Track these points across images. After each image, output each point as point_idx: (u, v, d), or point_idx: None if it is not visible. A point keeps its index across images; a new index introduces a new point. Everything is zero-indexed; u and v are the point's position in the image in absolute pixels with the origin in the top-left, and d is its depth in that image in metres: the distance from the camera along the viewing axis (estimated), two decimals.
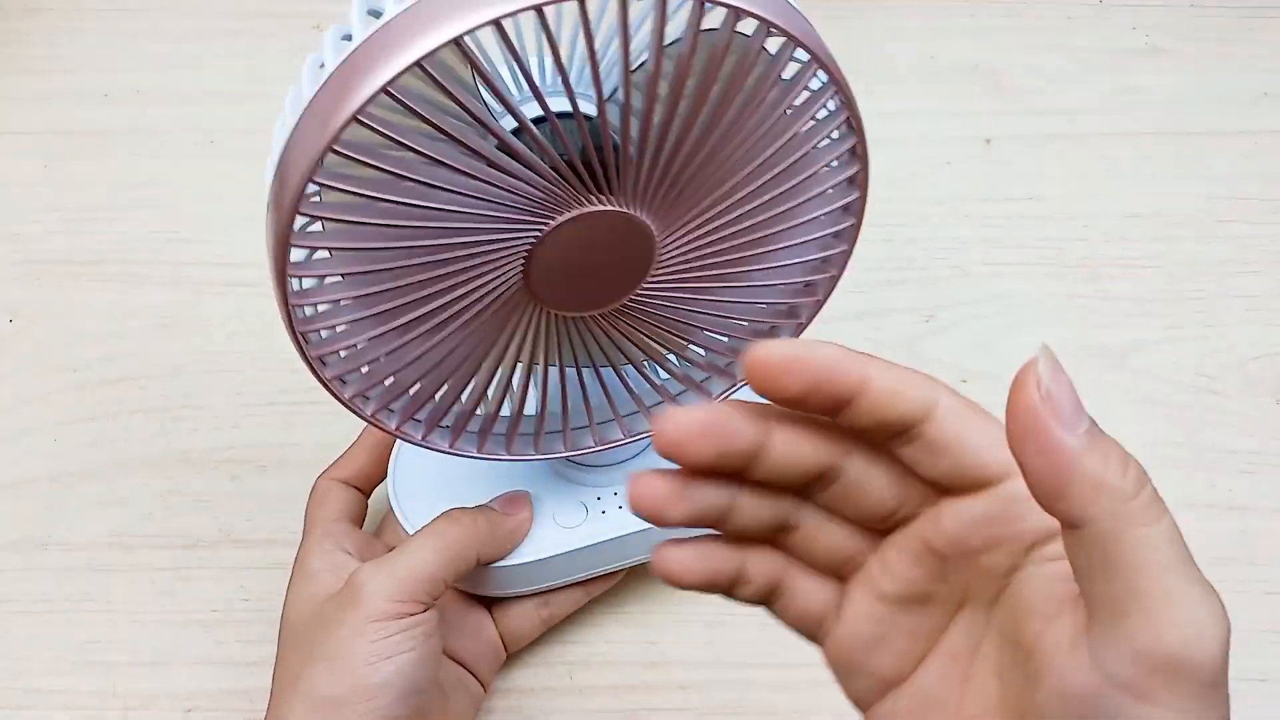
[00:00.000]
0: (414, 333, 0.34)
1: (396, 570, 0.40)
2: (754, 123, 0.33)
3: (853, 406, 0.25)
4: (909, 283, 0.60)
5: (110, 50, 0.71)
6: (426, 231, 0.32)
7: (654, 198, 0.33)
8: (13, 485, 0.53)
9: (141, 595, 0.50)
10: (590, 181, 0.32)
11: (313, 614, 0.40)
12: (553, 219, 0.32)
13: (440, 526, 0.41)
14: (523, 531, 0.44)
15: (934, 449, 0.26)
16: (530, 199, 0.32)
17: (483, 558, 0.42)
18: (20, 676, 0.47)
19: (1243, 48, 0.72)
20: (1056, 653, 0.24)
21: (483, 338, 0.36)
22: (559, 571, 0.45)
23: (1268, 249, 0.61)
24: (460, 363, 0.36)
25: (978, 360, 0.57)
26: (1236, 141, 0.66)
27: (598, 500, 0.45)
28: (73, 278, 0.60)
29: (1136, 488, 0.23)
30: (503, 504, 0.44)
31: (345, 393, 0.36)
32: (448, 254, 0.32)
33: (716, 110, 0.32)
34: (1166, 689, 0.22)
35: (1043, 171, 0.65)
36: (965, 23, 0.74)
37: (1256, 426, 0.54)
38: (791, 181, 0.35)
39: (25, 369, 0.57)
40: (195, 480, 0.53)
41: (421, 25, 0.28)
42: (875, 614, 0.28)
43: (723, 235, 0.35)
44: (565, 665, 0.47)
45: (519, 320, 0.36)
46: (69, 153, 0.66)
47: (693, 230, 0.35)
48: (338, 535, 0.43)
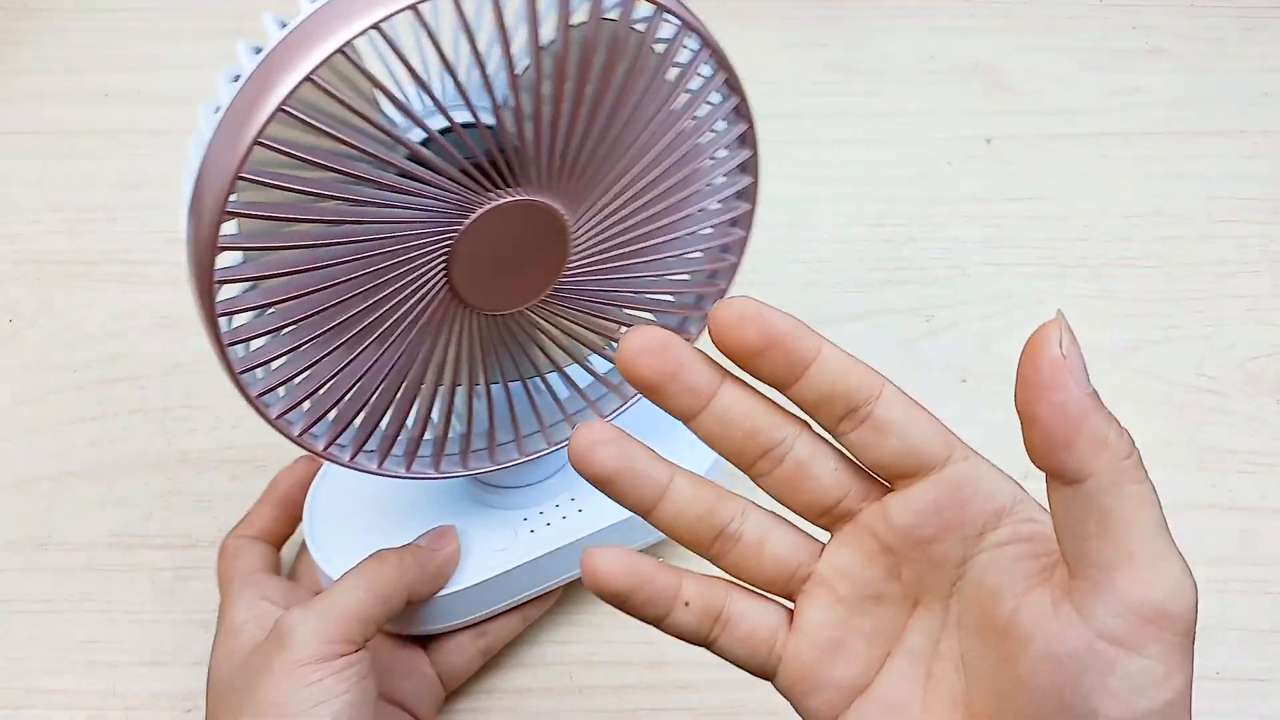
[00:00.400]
0: (350, 352, 0.34)
1: (326, 611, 0.38)
2: (642, 100, 0.34)
3: (806, 377, 0.26)
4: (909, 283, 0.60)
5: (110, 50, 0.71)
6: (346, 248, 0.32)
7: (559, 182, 0.34)
8: (13, 485, 0.53)
9: (141, 595, 0.50)
10: (496, 176, 0.33)
11: (239, 667, 0.39)
12: (467, 217, 0.33)
13: (368, 565, 0.40)
14: (452, 565, 0.43)
15: (881, 429, 0.27)
16: (442, 201, 0.32)
17: (414, 596, 0.41)
18: (20, 676, 0.47)
19: (1243, 48, 0.72)
20: (1040, 620, 0.25)
21: (416, 349, 0.36)
22: (494, 597, 0.44)
23: (1268, 249, 0.61)
24: (396, 376, 0.36)
25: (978, 360, 0.57)
26: (1236, 141, 0.66)
27: (524, 520, 0.45)
28: (73, 278, 0.61)
29: (1130, 448, 0.24)
30: (430, 539, 0.43)
31: (272, 413, 0.35)
32: (370, 266, 0.33)
33: (601, 91, 0.33)
34: (1154, 639, 0.24)
35: (1043, 171, 0.65)
36: (965, 23, 0.74)
37: (1256, 426, 0.54)
38: (682, 150, 0.36)
39: (25, 369, 0.57)
40: (195, 480, 0.53)
41: (307, 42, 0.29)
42: (831, 619, 0.28)
43: (629, 213, 0.36)
44: (565, 665, 0.47)
45: (451, 327, 0.36)
46: (69, 153, 0.66)
47: (601, 211, 0.36)
48: (259, 585, 0.42)
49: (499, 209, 0.33)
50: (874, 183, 0.65)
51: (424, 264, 0.34)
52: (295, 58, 0.29)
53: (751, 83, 0.35)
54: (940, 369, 0.57)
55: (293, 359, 0.34)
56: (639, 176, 0.36)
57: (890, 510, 0.27)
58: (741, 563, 0.29)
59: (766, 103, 0.78)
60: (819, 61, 0.72)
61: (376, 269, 0.33)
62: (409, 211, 0.32)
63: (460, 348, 0.37)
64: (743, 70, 0.35)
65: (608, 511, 0.44)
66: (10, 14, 0.73)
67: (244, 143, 0.29)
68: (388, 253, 0.33)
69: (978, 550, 0.27)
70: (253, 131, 0.29)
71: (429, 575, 0.42)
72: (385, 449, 0.39)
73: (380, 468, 0.39)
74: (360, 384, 0.36)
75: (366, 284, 0.33)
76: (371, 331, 0.34)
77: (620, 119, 0.34)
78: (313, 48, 0.29)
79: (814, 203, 0.64)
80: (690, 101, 0.35)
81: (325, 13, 0.29)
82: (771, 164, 0.67)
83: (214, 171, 0.30)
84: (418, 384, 0.37)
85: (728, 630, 0.29)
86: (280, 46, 0.29)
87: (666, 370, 0.27)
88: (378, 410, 0.37)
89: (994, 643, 0.26)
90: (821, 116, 0.69)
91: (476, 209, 0.33)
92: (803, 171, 0.66)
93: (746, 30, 0.73)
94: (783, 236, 0.62)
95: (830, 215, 0.64)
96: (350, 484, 0.45)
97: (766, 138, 0.67)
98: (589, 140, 0.34)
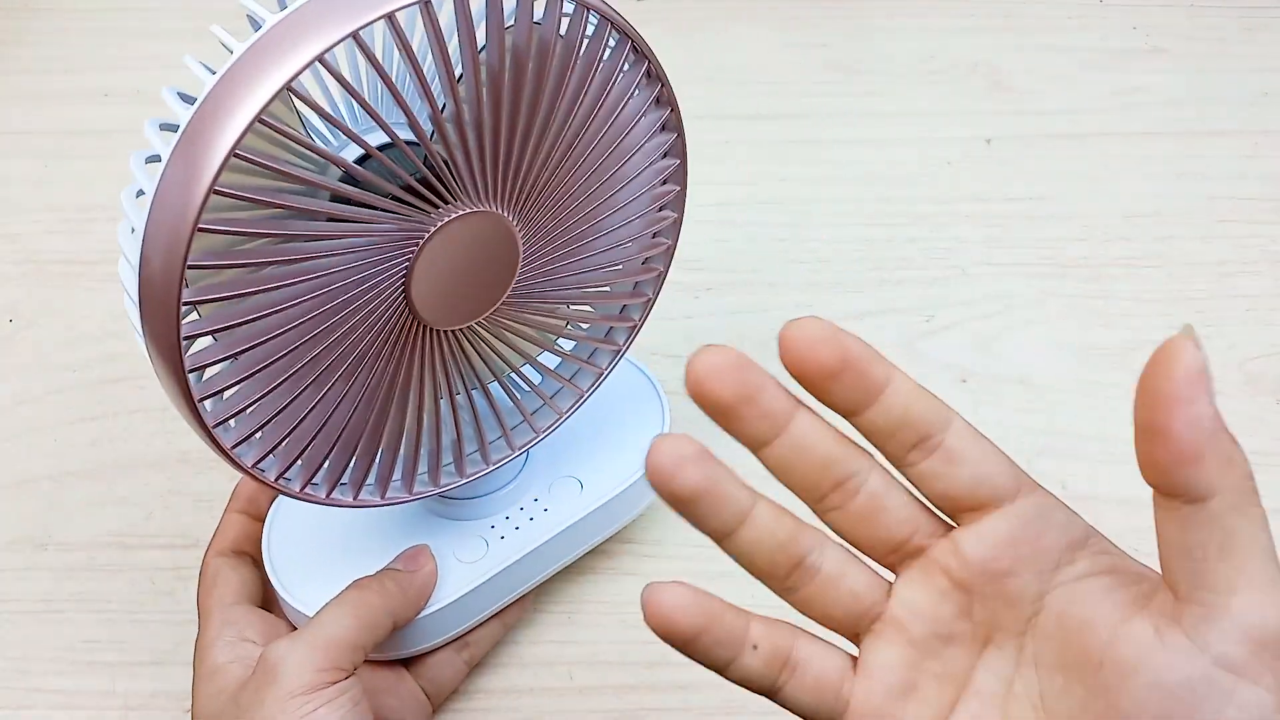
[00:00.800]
0: (319, 389, 0.34)
1: (314, 640, 0.38)
2: (567, 98, 0.34)
3: (878, 402, 0.25)
4: (909, 283, 0.60)
5: (110, 50, 0.71)
6: (304, 286, 0.32)
7: (504, 191, 0.34)
8: (13, 485, 0.53)
9: (141, 595, 0.50)
10: (441, 193, 0.33)
11: (229, 705, 0.38)
12: (421, 236, 0.33)
13: (350, 595, 0.40)
14: (431, 585, 0.42)
15: (953, 459, 0.26)
16: (392, 225, 0.32)
17: (398, 620, 0.41)
18: (20, 676, 0.47)
19: (1243, 48, 0.72)
20: (1145, 650, 0.24)
21: (384, 376, 0.36)
22: (473, 609, 0.44)
23: (1268, 249, 0.61)
24: (361, 407, 0.36)
25: (978, 360, 0.57)
26: (1236, 141, 0.66)
27: (492, 528, 0.45)
28: (73, 278, 0.61)
29: (1250, 470, 0.23)
30: (405, 562, 0.42)
31: (247, 461, 0.35)
32: (329, 302, 0.32)
33: (535, 96, 0.33)
34: (1270, 668, 0.23)
35: (1043, 171, 0.65)
36: (965, 23, 0.74)
37: (1257, 426, 0.54)
38: (614, 144, 0.36)
39: (25, 369, 0.57)
40: (195, 480, 0.53)
41: (244, 85, 0.29)
42: (903, 660, 0.27)
43: (570, 212, 0.37)
44: (565, 665, 0.47)
45: (414, 348, 0.36)
46: (69, 153, 0.66)
47: (545, 214, 0.36)
48: (238, 623, 0.41)
49: (452, 224, 0.33)
50: (874, 183, 0.65)
51: (383, 289, 0.33)
52: (238, 99, 0.28)
53: (751, 83, 0.35)
54: (940, 369, 0.57)
55: (251, 394, 0.33)
56: (578, 175, 0.36)
57: (963, 545, 0.26)
58: (817, 598, 0.27)
59: (766, 103, 0.78)
60: (819, 61, 0.72)
61: (336, 302, 0.32)
62: (361, 240, 0.32)
63: (423, 367, 0.37)
64: (743, 70, 0.35)
65: (573, 508, 0.45)
66: (10, 14, 0.73)
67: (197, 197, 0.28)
68: (346, 284, 0.32)
69: (1055, 584, 0.26)
70: (205, 183, 0.28)
71: (410, 599, 0.41)
72: (359, 479, 0.38)
73: (356, 499, 0.38)
74: (326, 417, 0.35)
75: (326, 319, 0.32)
76: (335, 365, 0.34)
77: (556, 122, 0.34)
78: (251, 92, 0.28)
79: (814, 203, 0.64)
80: (619, 96, 0.35)
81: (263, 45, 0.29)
82: (771, 164, 0.67)
83: (165, 232, 0.29)
84: (384, 408, 0.37)
85: (796, 675, 0.27)
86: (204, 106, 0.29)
87: (744, 392, 0.25)
88: (347, 442, 0.37)
89: (1084, 678, 0.25)
90: (821, 116, 0.69)
91: (430, 227, 0.33)
92: (803, 171, 0.66)
93: (746, 30, 0.73)
94: (783, 236, 0.63)
95: (830, 215, 0.64)
96: (306, 513, 0.44)
97: (766, 138, 0.68)
98: (529, 146, 0.34)
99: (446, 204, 0.33)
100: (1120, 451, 0.53)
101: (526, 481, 0.46)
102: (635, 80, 0.36)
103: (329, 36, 0.28)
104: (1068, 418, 0.54)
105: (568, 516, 0.45)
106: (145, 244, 0.29)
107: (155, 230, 0.29)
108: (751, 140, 0.67)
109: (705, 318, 0.59)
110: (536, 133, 0.34)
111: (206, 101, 0.29)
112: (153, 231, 0.29)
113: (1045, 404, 0.55)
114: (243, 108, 0.28)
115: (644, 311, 0.43)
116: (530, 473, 0.46)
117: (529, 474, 0.46)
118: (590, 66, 0.34)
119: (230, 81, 0.29)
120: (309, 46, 0.28)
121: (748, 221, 0.63)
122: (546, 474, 0.46)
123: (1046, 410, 0.55)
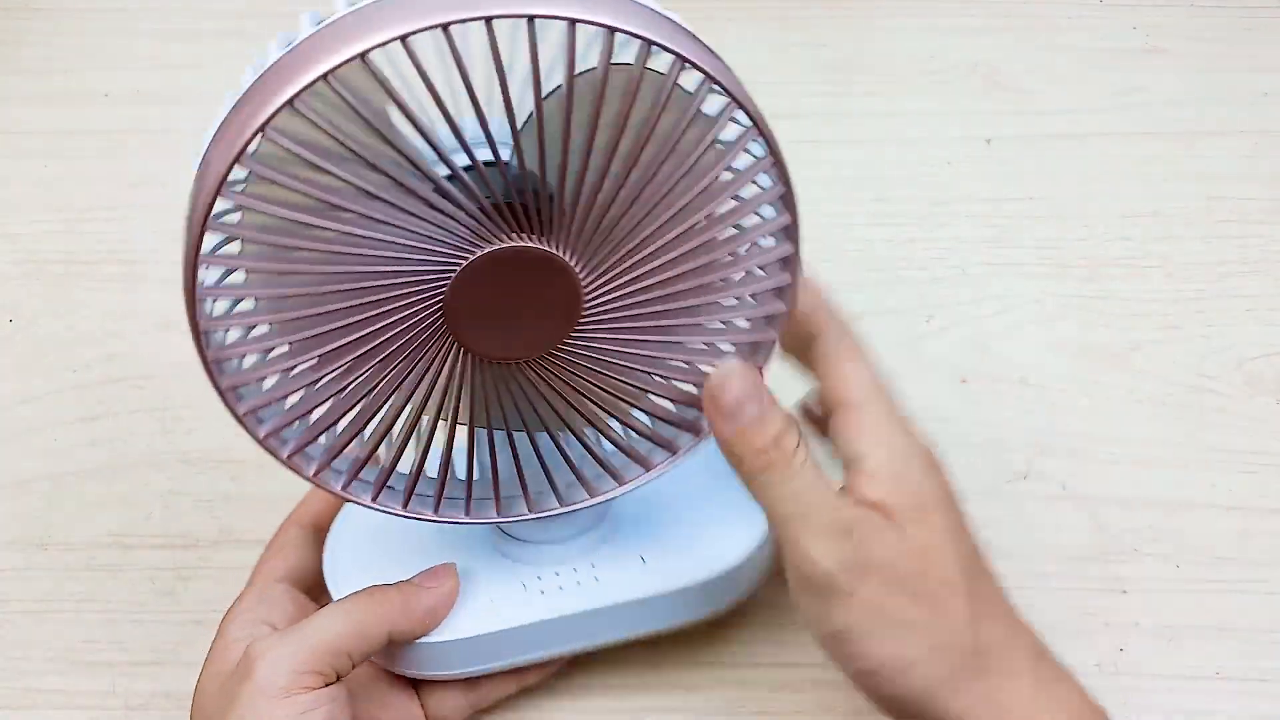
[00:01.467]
0: (333, 365, 0.34)
1: (298, 641, 0.37)
2: (674, 164, 0.32)
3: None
4: (909, 283, 0.60)
5: (110, 50, 0.71)
6: (349, 258, 0.31)
7: (573, 236, 0.33)
8: (13, 485, 0.53)
9: (141, 595, 0.50)
10: (511, 220, 0.32)
11: (219, 690, 0.37)
12: (466, 257, 0.32)
13: (349, 601, 0.39)
14: (446, 606, 0.41)
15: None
16: (453, 234, 0.32)
17: (396, 633, 0.39)
18: (20, 676, 0.47)
19: (1243, 48, 0.72)
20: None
21: (404, 377, 0.35)
22: (490, 654, 0.42)
23: (1268, 249, 0.61)
24: (382, 402, 0.35)
25: (978, 360, 0.57)
26: (1236, 141, 0.66)
27: (538, 579, 0.42)
28: (73, 278, 0.60)
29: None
30: (425, 577, 0.41)
31: (260, 431, 0.35)
32: (368, 282, 0.32)
33: (633, 148, 0.31)
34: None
35: (1043, 171, 0.65)
36: (965, 23, 0.74)
37: (1256, 426, 0.54)
38: (717, 230, 0.34)
39: (25, 369, 0.57)
40: (195, 480, 0.53)
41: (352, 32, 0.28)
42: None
43: (650, 283, 0.34)
44: (565, 665, 0.47)
45: (442, 364, 0.35)
46: (69, 153, 0.66)
47: (619, 273, 0.34)
48: (270, 601, 0.41)
49: (498, 254, 0.32)
50: (874, 183, 0.65)
51: (420, 296, 0.33)
52: (315, 57, 0.28)
53: (751, 83, 0.34)
54: (940, 369, 0.57)
55: (288, 376, 0.34)
56: (666, 243, 0.34)
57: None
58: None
59: (766, 103, 0.77)
60: (819, 61, 0.72)
61: (376, 285, 0.32)
62: (414, 235, 0.31)
63: (452, 383, 0.36)
64: (743, 70, 0.35)
65: (629, 585, 0.42)
66: (10, 14, 0.73)
67: (261, 116, 0.29)
68: (384, 272, 0.32)
69: None
70: (267, 112, 0.28)
71: (415, 613, 0.40)
72: (381, 482, 0.38)
73: (375, 501, 0.38)
74: (360, 405, 0.35)
75: (362, 298, 0.32)
76: (363, 352, 0.33)
77: (653, 176, 0.32)
78: (336, 50, 0.28)
79: (814, 203, 0.64)
80: (732, 180, 0.34)
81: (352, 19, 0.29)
82: None
83: (228, 135, 0.29)
84: (417, 412, 0.36)
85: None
86: (311, 39, 0.29)
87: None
88: (376, 435, 0.36)
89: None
90: (821, 116, 0.69)
91: (477, 250, 0.32)
92: (803, 171, 0.66)
93: (746, 30, 0.73)
94: None
95: (830, 215, 0.64)
96: (372, 525, 0.43)
97: None
98: (616, 189, 0.32)
99: (511, 232, 0.32)
100: (1120, 452, 0.53)
101: (590, 543, 0.43)
102: (758, 168, 0.34)
103: (461, 12, 0.28)
104: (1068, 418, 0.54)
105: (619, 594, 0.42)
106: (208, 147, 0.30)
107: (218, 140, 0.30)
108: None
109: None
110: (618, 184, 0.32)
111: (308, 40, 0.29)
112: (216, 139, 0.30)
113: (1045, 404, 0.55)
114: (324, 61, 0.28)
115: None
116: (605, 535, 0.43)
117: (600, 536, 0.43)
118: (704, 141, 0.32)
119: (334, 34, 0.29)
120: (438, 14, 0.28)
121: None
122: (620, 543, 0.43)
123: (1046, 410, 0.55)
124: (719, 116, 0.32)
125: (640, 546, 0.43)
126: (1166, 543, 0.50)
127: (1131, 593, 0.49)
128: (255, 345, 0.34)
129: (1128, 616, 0.48)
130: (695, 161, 0.32)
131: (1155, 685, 0.46)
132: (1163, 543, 0.50)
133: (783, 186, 0.34)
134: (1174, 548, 0.50)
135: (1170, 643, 0.47)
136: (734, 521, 0.43)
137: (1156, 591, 0.49)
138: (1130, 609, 0.48)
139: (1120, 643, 0.47)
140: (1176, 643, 0.47)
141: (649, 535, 0.43)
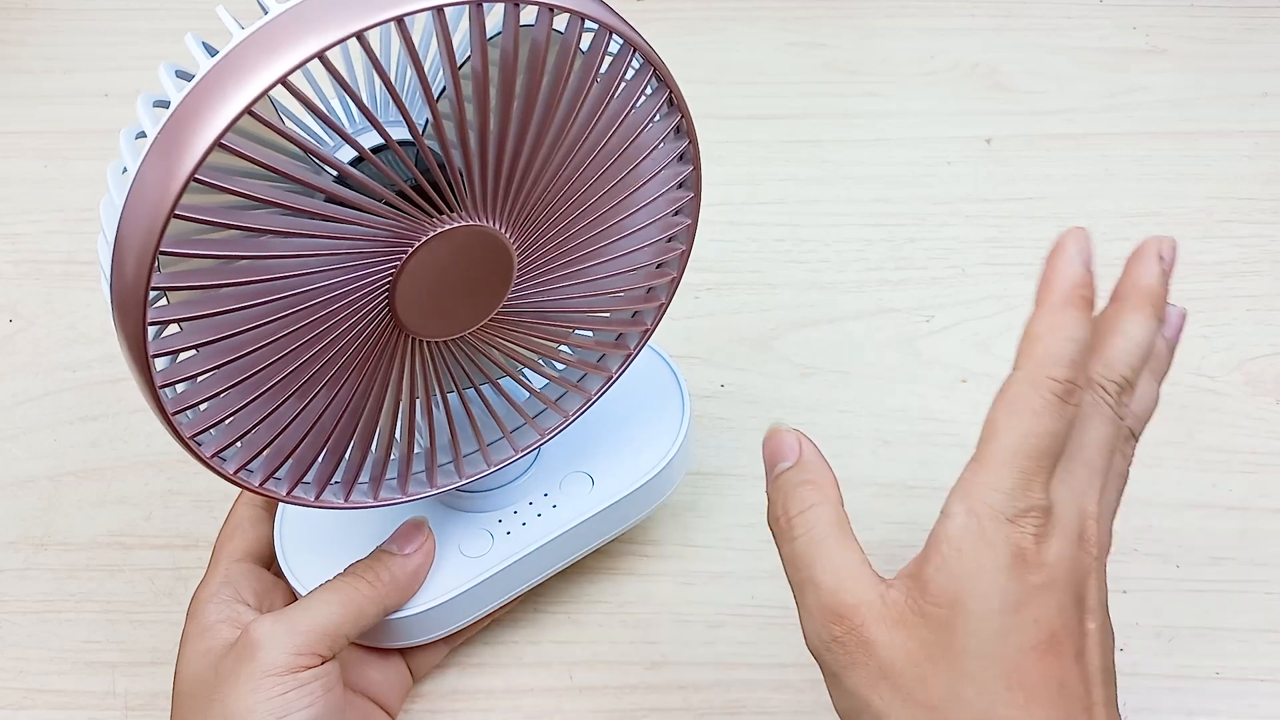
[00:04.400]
0: (288, 392, 0.33)
1: (296, 624, 0.38)
2: (580, 117, 0.33)
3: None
4: (909, 283, 0.60)
5: (110, 50, 0.72)
6: (281, 284, 0.31)
7: (501, 207, 0.33)
8: (13, 485, 0.53)
9: (141, 595, 0.50)
10: (436, 202, 0.32)
11: (209, 669, 0.39)
12: (407, 247, 0.32)
13: (342, 582, 0.40)
14: (426, 567, 0.42)
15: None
16: (381, 230, 0.31)
17: (388, 610, 0.41)
18: (20, 676, 0.47)
19: (1243, 48, 0.72)
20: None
21: (363, 383, 0.35)
22: (476, 605, 0.44)
23: (1268, 249, 0.61)
24: (345, 414, 0.35)
25: (978, 360, 0.57)
26: (1236, 141, 0.66)
27: (499, 523, 0.44)
28: (73, 278, 0.61)
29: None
30: (399, 541, 0.42)
31: (229, 467, 0.34)
32: (308, 302, 0.32)
33: (545, 110, 0.32)
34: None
35: (1043, 171, 0.65)
36: (965, 23, 0.74)
37: (1256, 426, 0.54)
38: (626, 169, 0.35)
39: (25, 369, 0.57)
40: (195, 480, 0.53)
41: (240, 72, 0.28)
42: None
43: (572, 231, 0.36)
44: (565, 665, 0.47)
45: (396, 357, 0.35)
46: (69, 153, 0.66)
47: (544, 232, 0.35)
48: (237, 582, 0.42)
49: (440, 236, 0.32)
50: (874, 183, 0.65)
51: (365, 296, 0.32)
52: (228, 89, 0.28)
53: (751, 83, 0.34)
54: (940, 369, 0.57)
55: (244, 410, 0.33)
56: (584, 198, 0.35)
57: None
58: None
59: (766, 103, 0.78)
60: (819, 61, 0.72)
61: (315, 304, 0.32)
62: (345, 243, 0.31)
63: (406, 373, 0.36)
64: (743, 70, 0.35)
65: (582, 505, 0.44)
66: (10, 14, 0.73)
67: (177, 180, 0.28)
68: (326, 286, 0.32)
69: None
70: (186, 168, 0.28)
71: (403, 586, 0.41)
72: (350, 481, 0.38)
73: (347, 501, 0.38)
74: (321, 422, 0.35)
75: (300, 320, 0.32)
76: (308, 366, 0.33)
77: (566, 141, 0.33)
78: (249, 79, 0.28)
79: (814, 203, 0.64)
80: (623, 103, 0.34)
81: (259, 37, 0.28)
82: (771, 164, 0.67)
83: (142, 213, 0.29)
84: (372, 415, 0.36)
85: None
86: (210, 75, 0.28)
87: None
88: (341, 445, 0.36)
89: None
90: (821, 116, 0.69)
91: (418, 237, 0.32)
92: (803, 171, 0.66)
93: (746, 30, 0.73)
94: (783, 236, 0.63)
95: (830, 215, 0.64)
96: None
97: (766, 138, 0.68)
98: (532, 160, 0.33)
99: (440, 214, 0.32)
100: None
101: (538, 476, 0.45)
102: (655, 107, 0.35)
103: (334, 34, 0.28)
104: None
105: (576, 514, 0.44)
106: (122, 221, 0.29)
107: (133, 208, 0.29)
108: (751, 140, 0.67)
109: (705, 318, 0.59)
110: (541, 148, 0.33)
111: (199, 85, 0.28)
112: (131, 208, 0.29)
113: None
114: (235, 96, 0.28)
115: (655, 316, 0.42)
116: (542, 466, 0.45)
117: (541, 468, 0.45)
118: (608, 89, 0.33)
119: (227, 67, 0.28)
120: (311, 41, 0.28)
121: (748, 221, 0.63)
122: (559, 469, 0.46)
123: None
124: (617, 62, 0.33)
125: (584, 466, 0.46)
126: (1166, 543, 0.50)
127: (1131, 593, 0.49)
128: (207, 390, 0.33)
129: (1128, 616, 0.48)
130: (595, 105, 0.33)
131: (1155, 685, 0.46)
132: (1163, 543, 0.50)
133: (678, 114, 0.35)
134: (1174, 548, 0.50)
135: (1170, 643, 0.47)
136: (657, 422, 0.47)
137: (1156, 591, 0.49)
138: (1130, 609, 0.48)
139: (1120, 643, 0.47)
140: (1176, 643, 0.47)
141: (589, 456, 0.46)
